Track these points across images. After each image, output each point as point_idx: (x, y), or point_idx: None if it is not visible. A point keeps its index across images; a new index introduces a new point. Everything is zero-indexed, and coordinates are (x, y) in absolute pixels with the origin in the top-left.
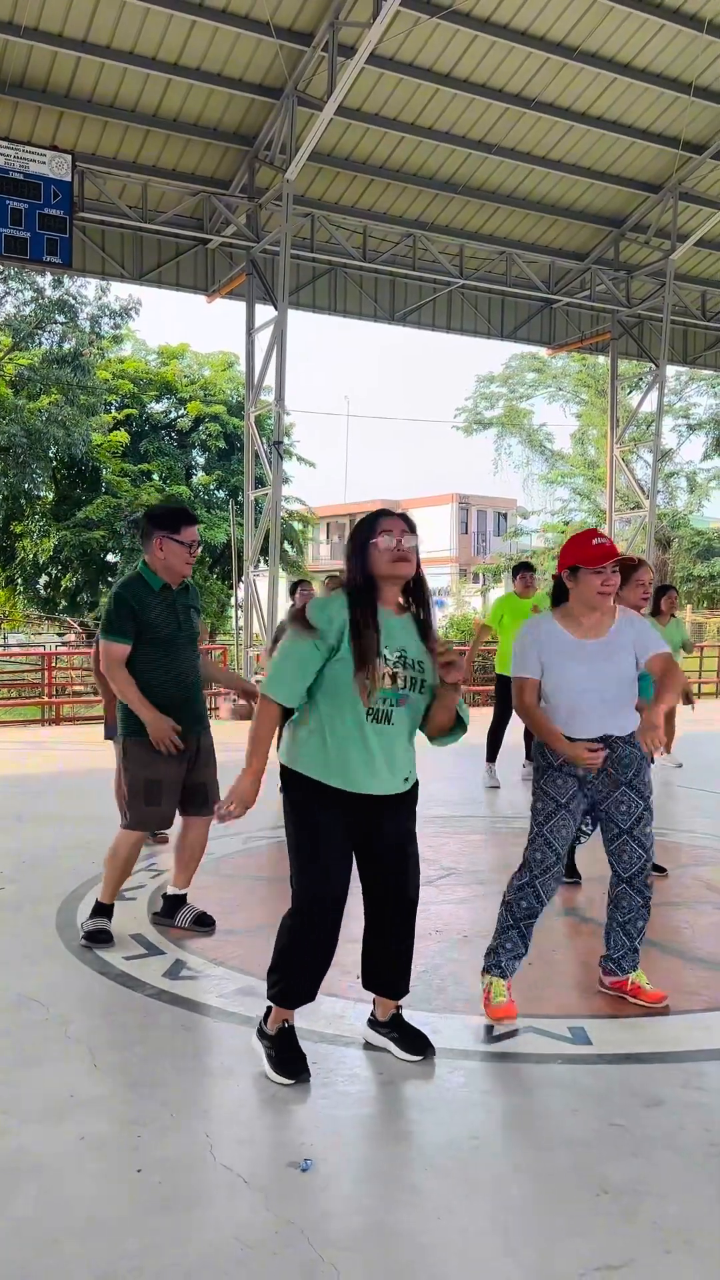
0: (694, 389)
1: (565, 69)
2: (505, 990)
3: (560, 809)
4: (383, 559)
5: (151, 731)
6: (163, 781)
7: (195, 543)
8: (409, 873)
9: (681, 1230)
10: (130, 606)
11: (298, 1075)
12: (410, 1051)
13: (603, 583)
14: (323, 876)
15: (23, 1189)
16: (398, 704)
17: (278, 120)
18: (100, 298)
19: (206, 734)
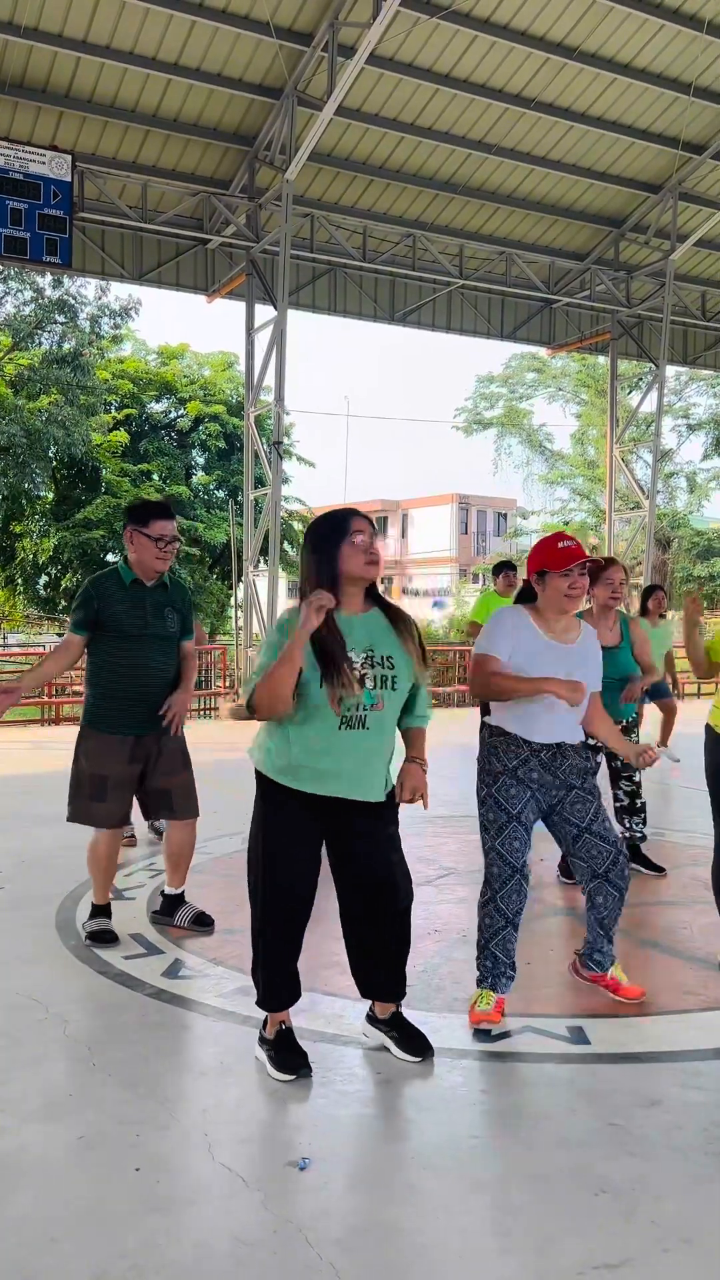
0: (694, 389)
1: (565, 69)
2: (491, 1000)
3: (512, 821)
4: (357, 560)
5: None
6: (109, 778)
7: (167, 538)
8: (398, 881)
9: (680, 1229)
10: (90, 599)
11: (297, 1070)
12: (410, 1052)
13: (570, 585)
14: (292, 877)
15: (21, 1187)
16: (371, 708)
17: (277, 120)
18: (100, 298)
19: (170, 737)
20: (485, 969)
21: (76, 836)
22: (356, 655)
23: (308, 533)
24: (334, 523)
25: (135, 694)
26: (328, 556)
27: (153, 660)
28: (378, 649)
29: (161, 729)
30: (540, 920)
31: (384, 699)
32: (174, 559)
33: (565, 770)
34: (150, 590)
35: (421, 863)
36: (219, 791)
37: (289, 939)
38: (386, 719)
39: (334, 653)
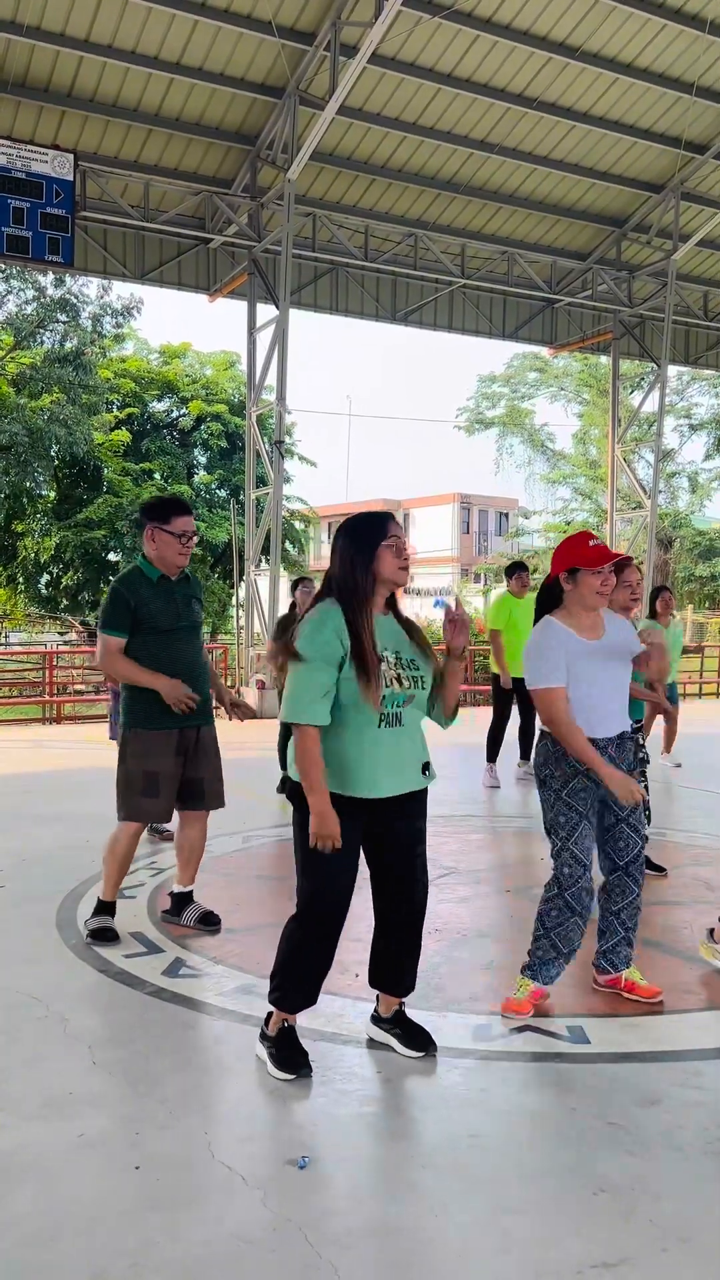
0: (695, 389)
1: (567, 69)
2: (528, 989)
3: (583, 820)
4: (392, 565)
5: (166, 694)
6: (160, 774)
7: (188, 533)
8: (417, 874)
9: (678, 1229)
10: (125, 600)
11: (298, 1070)
12: (413, 1048)
13: (602, 583)
14: (330, 886)
15: (21, 1186)
16: (405, 704)
17: (279, 120)
18: (102, 297)
19: (207, 727)
20: (537, 957)
21: (76, 835)
22: (389, 654)
23: (345, 528)
24: (373, 524)
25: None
26: (365, 557)
27: (188, 651)
28: (402, 651)
29: (201, 720)
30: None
31: (415, 696)
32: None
33: (627, 758)
34: (176, 584)
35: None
36: (225, 791)
37: (325, 948)
38: (417, 714)
39: (371, 653)
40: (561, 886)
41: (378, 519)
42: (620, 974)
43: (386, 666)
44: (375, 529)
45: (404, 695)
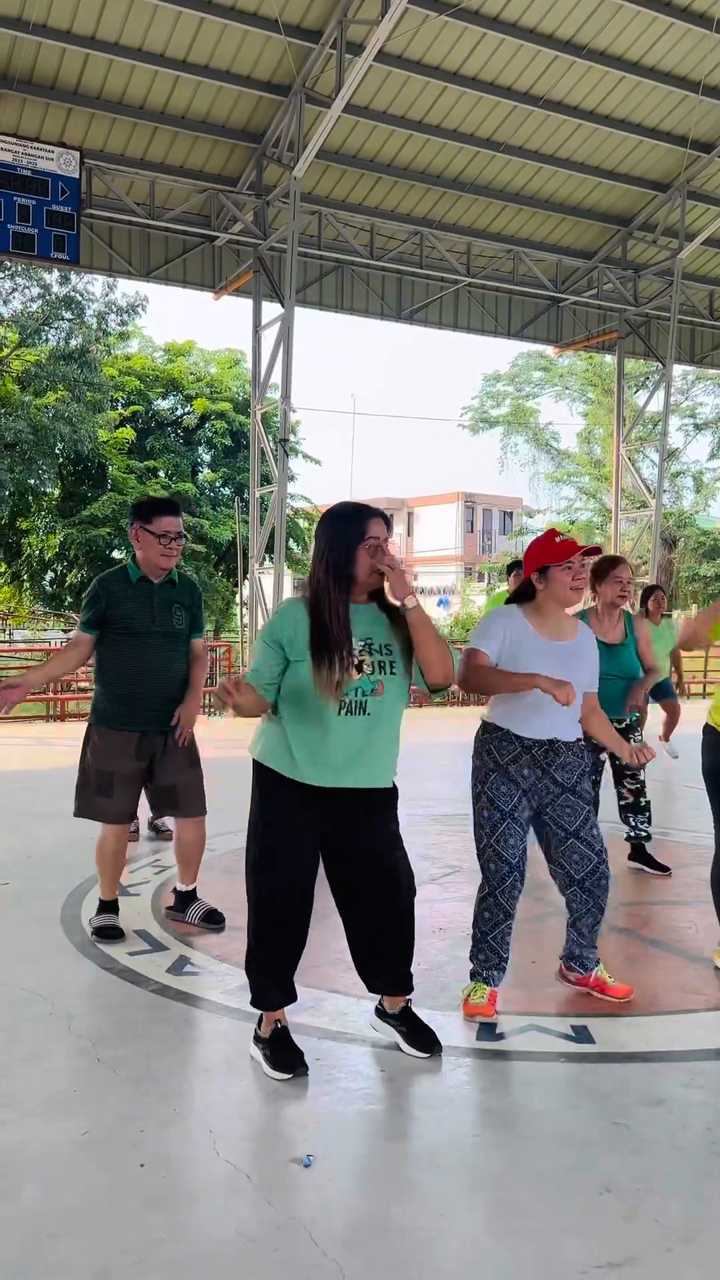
0: (701, 388)
1: (574, 67)
2: (484, 992)
3: (505, 818)
4: (367, 568)
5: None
6: (115, 774)
7: (171, 534)
8: (399, 875)
9: (683, 1229)
10: (98, 597)
11: (293, 1069)
12: (418, 1048)
13: (574, 577)
14: (290, 873)
15: (25, 1183)
16: (372, 693)
17: (285, 117)
18: (107, 294)
19: (175, 734)
20: (480, 962)
21: (80, 833)
22: (356, 642)
23: (326, 519)
24: (353, 521)
25: (142, 691)
26: (343, 557)
27: (160, 657)
28: (375, 638)
29: (169, 727)
30: (544, 920)
31: (384, 684)
32: (181, 556)
33: (557, 768)
34: (158, 587)
35: (425, 861)
36: (225, 788)
37: (285, 938)
38: (388, 704)
39: (334, 644)
40: (491, 885)
41: (359, 517)
42: (590, 973)
43: (347, 653)
44: (354, 528)
45: (370, 682)
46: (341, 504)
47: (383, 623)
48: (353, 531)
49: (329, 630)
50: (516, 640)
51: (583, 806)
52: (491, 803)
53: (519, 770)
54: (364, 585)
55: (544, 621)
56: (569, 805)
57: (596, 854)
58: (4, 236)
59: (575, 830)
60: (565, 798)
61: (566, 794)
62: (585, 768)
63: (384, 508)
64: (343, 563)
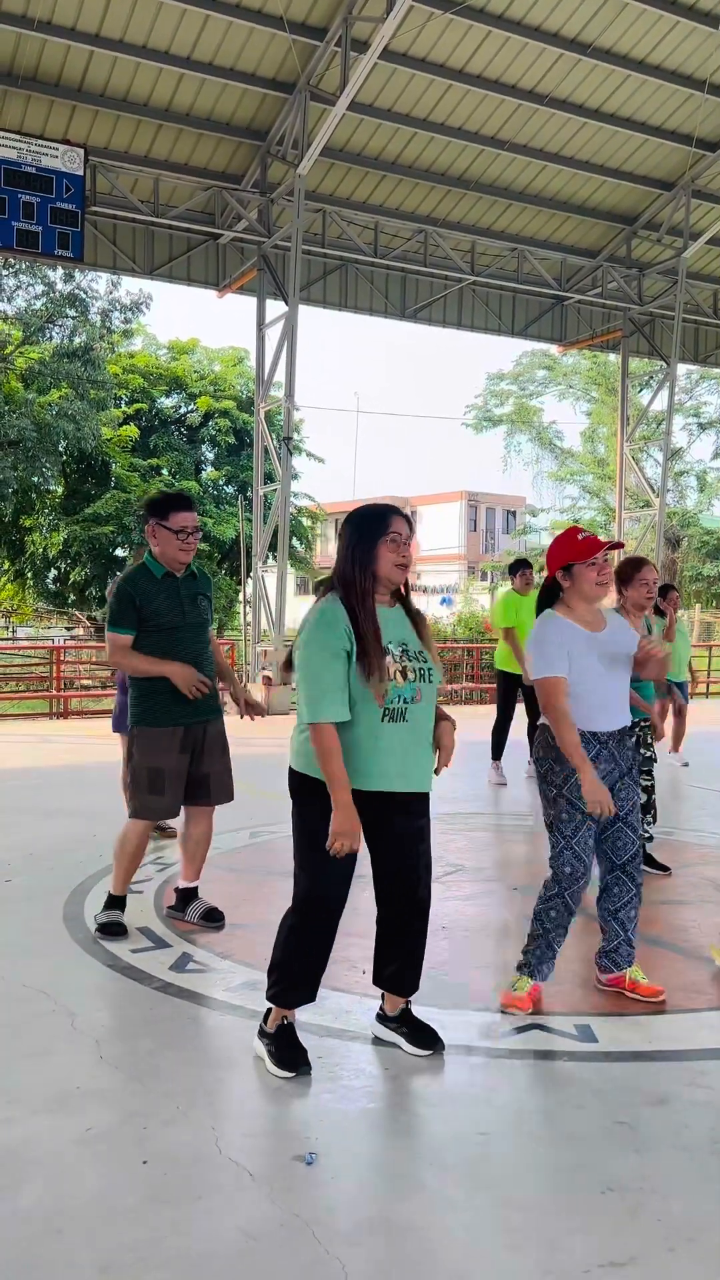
0: (705, 387)
1: (579, 65)
2: (527, 985)
3: (586, 818)
4: (389, 562)
5: (179, 679)
6: (165, 770)
7: (189, 529)
8: (420, 872)
9: (686, 1228)
10: (130, 598)
11: (297, 1068)
12: (420, 1046)
13: (599, 573)
14: (328, 880)
15: (29, 1179)
16: (412, 700)
17: (290, 115)
18: (111, 292)
19: (215, 723)
20: (534, 957)
21: (83, 830)
22: (394, 648)
23: (350, 520)
24: (376, 519)
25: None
26: (366, 554)
27: (194, 649)
28: (410, 644)
29: (206, 716)
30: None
31: (422, 691)
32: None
33: (625, 755)
34: (182, 581)
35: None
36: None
37: (322, 942)
38: (424, 711)
39: (375, 645)
40: (562, 886)
41: (381, 513)
42: (623, 973)
43: (391, 659)
44: (377, 524)
45: (410, 689)
46: (365, 505)
47: (409, 627)
48: (375, 528)
49: (359, 623)
50: (572, 644)
51: (634, 791)
52: (571, 805)
53: (598, 766)
54: (388, 581)
55: (580, 618)
56: (626, 788)
57: (638, 837)
58: (8, 233)
59: (625, 815)
60: (624, 780)
61: (626, 776)
62: (637, 750)
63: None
64: (366, 558)
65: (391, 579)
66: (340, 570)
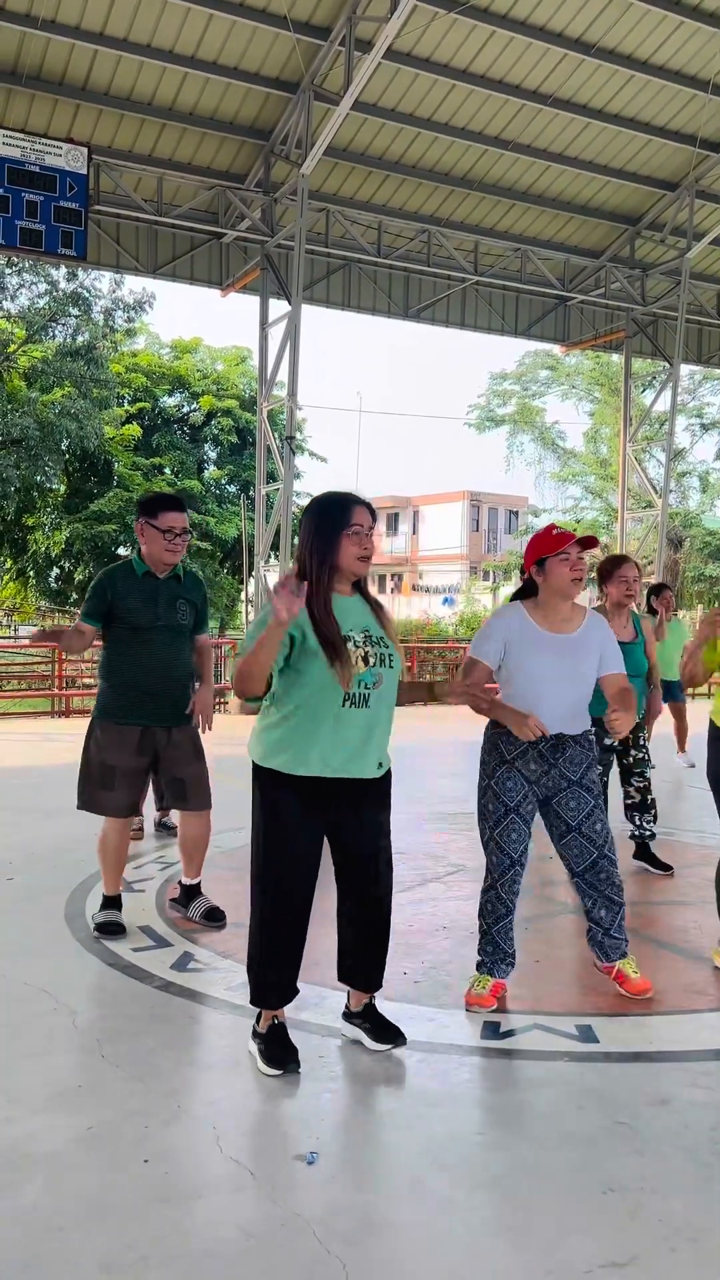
0: (707, 388)
1: (583, 65)
2: (488, 983)
3: (510, 813)
4: (350, 555)
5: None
6: (117, 768)
7: (176, 530)
8: (380, 868)
9: (686, 1228)
10: (104, 591)
11: (285, 1065)
12: (380, 1041)
13: (571, 567)
14: (292, 871)
15: (29, 1177)
16: (374, 686)
17: (294, 115)
18: (114, 291)
19: (183, 729)
20: (486, 954)
21: (85, 829)
22: (355, 634)
23: (311, 508)
24: (337, 509)
25: (145, 686)
26: (327, 544)
27: (164, 652)
28: (372, 630)
29: (172, 721)
30: (550, 918)
31: (384, 676)
32: (186, 552)
33: (564, 762)
34: (163, 582)
35: (430, 859)
36: (228, 785)
37: (289, 936)
38: (385, 696)
39: (334, 634)
40: (494, 878)
41: (342, 505)
42: (614, 964)
43: (353, 645)
44: (338, 515)
45: (371, 675)
46: (327, 492)
47: (369, 613)
48: (336, 519)
49: (322, 624)
50: (517, 636)
51: (589, 799)
52: (496, 797)
53: (525, 765)
54: (349, 574)
55: (545, 615)
56: (575, 797)
57: (597, 848)
58: (12, 232)
59: (578, 824)
60: (572, 790)
61: (574, 786)
62: (592, 760)
63: (389, 506)
64: (327, 550)
65: (354, 572)
66: (300, 562)
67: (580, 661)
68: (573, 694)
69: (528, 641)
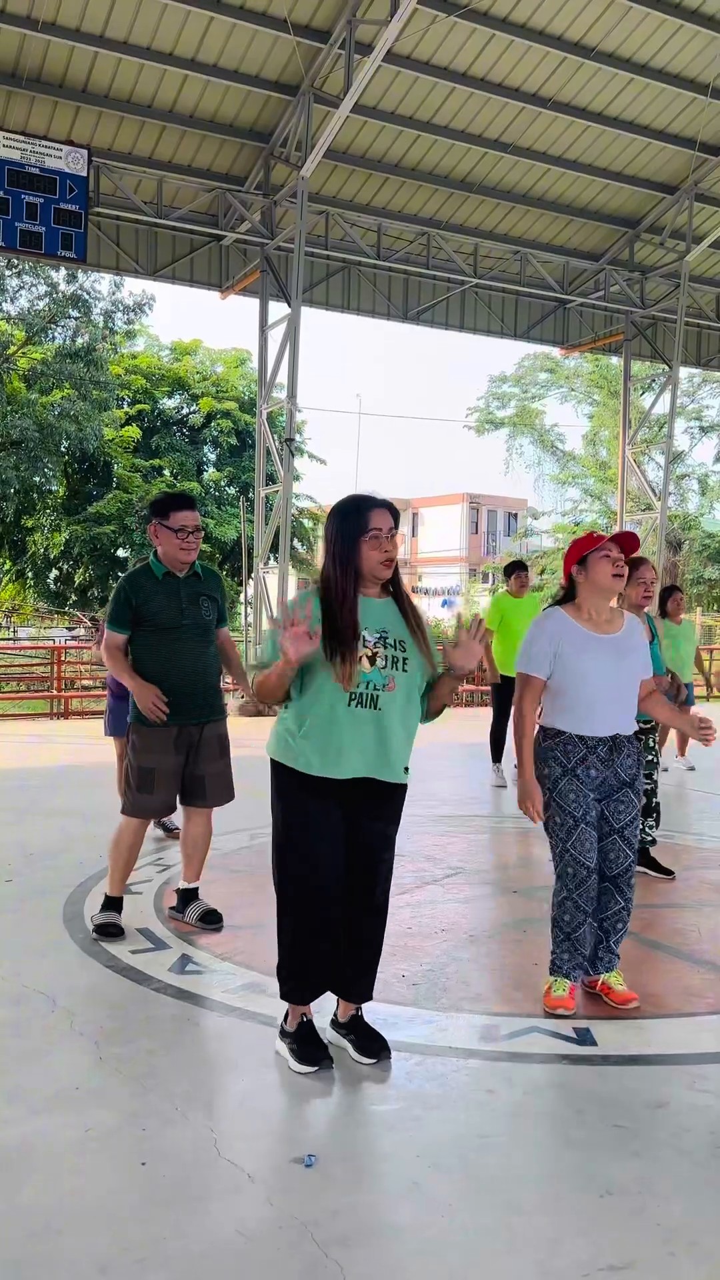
0: (706, 391)
1: (582, 69)
2: (565, 986)
3: (579, 823)
4: (372, 560)
5: (138, 700)
6: (156, 770)
7: (188, 528)
8: (379, 879)
9: (685, 1231)
10: (128, 597)
11: (319, 1062)
12: (366, 1054)
13: (614, 564)
14: (312, 867)
15: (28, 1179)
16: (384, 688)
17: (294, 117)
18: (114, 293)
19: (214, 725)
20: (562, 959)
21: (84, 830)
22: (371, 634)
23: (332, 515)
24: (355, 515)
25: (179, 685)
26: (348, 550)
27: (192, 650)
28: (392, 632)
29: (204, 718)
30: (548, 921)
31: (396, 680)
32: (198, 549)
33: (621, 764)
34: (184, 581)
35: (429, 862)
36: (236, 787)
37: (313, 930)
38: (399, 701)
39: (345, 632)
40: (568, 889)
41: (362, 509)
42: (598, 977)
43: (362, 645)
44: (356, 520)
45: (380, 676)
46: (348, 497)
47: (399, 618)
48: (355, 525)
49: (337, 623)
50: (564, 640)
51: (634, 803)
52: (562, 810)
53: (586, 771)
54: (372, 577)
55: (589, 617)
56: (624, 800)
57: (633, 852)
58: (12, 234)
59: (622, 827)
60: (623, 792)
61: (625, 788)
62: (642, 761)
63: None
64: (348, 556)
65: (376, 575)
66: (324, 569)
67: (630, 661)
68: (627, 693)
69: (576, 645)
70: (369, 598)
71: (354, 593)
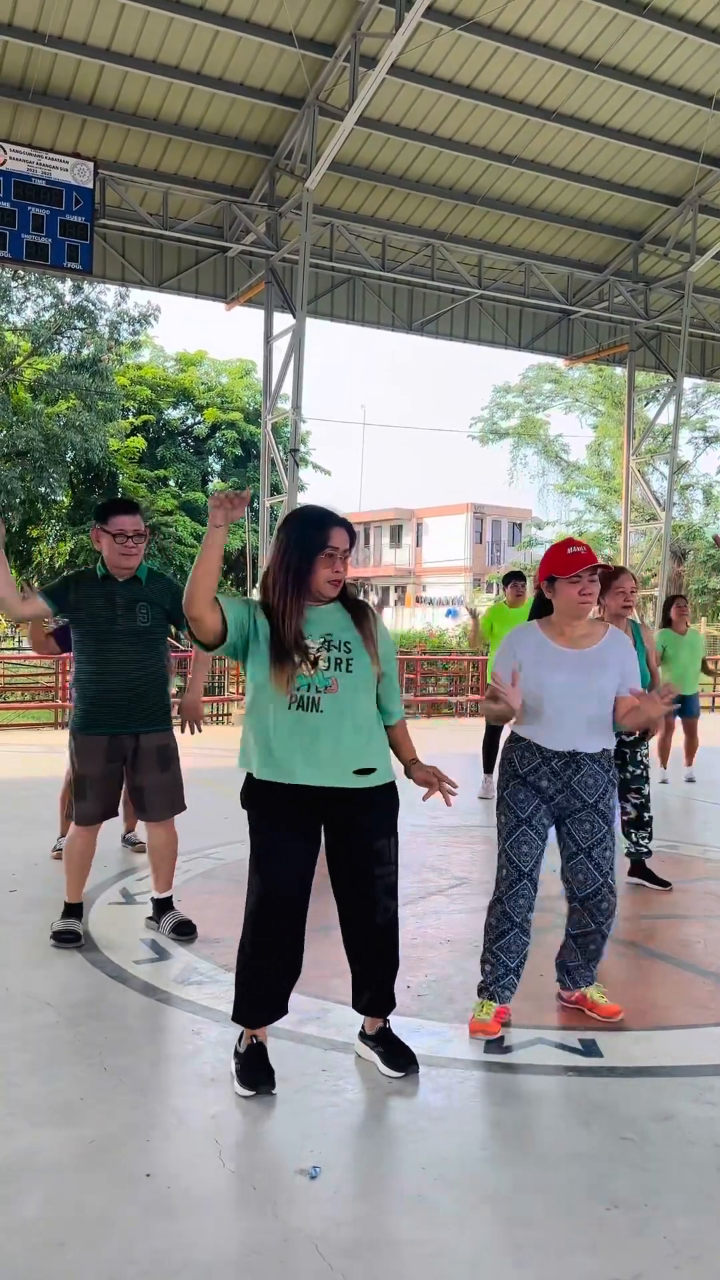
0: (711, 402)
1: (586, 81)
2: (491, 1009)
3: (521, 824)
4: (322, 578)
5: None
6: (88, 778)
7: (127, 532)
8: (378, 897)
9: (691, 1245)
10: (67, 584)
11: (257, 1087)
12: (393, 1068)
13: (580, 591)
14: (272, 877)
15: (31, 1191)
16: (326, 689)
17: (299, 130)
18: (119, 304)
19: (152, 736)
20: (486, 974)
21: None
22: (314, 640)
23: (289, 523)
24: (315, 527)
25: (107, 693)
26: (301, 563)
27: (125, 657)
28: (336, 635)
29: (138, 728)
30: (555, 933)
31: (339, 681)
32: (142, 555)
33: (577, 782)
34: (121, 585)
35: (433, 872)
36: (230, 797)
37: (262, 950)
38: (344, 702)
39: (287, 639)
40: (501, 891)
41: (321, 525)
42: (582, 990)
43: (300, 655)
44: (314, 535)
45: (324, 679)
46: (307, 507)
47: (344, 619)
48: (314, 538)
49: (282, 634)
50: (534, 653)
51: (601, 825)
52: (509, 809)
53: (538, 780)
54: (317, 595)
55: (561, 631)
56: (588, 821)
57: (602, 876)
58: (18, 246)
59: (588, 848)
60: (586, 813)
61: (588, 809)
62: (610, 783)
63: (393, 518)
64: (300, 569)
65: (323, 594)
66: (270, 573)
67: (598, 677)
68: (592, 710)
69: (543, 658)
70: (313, 606)
71: (301, 607)
